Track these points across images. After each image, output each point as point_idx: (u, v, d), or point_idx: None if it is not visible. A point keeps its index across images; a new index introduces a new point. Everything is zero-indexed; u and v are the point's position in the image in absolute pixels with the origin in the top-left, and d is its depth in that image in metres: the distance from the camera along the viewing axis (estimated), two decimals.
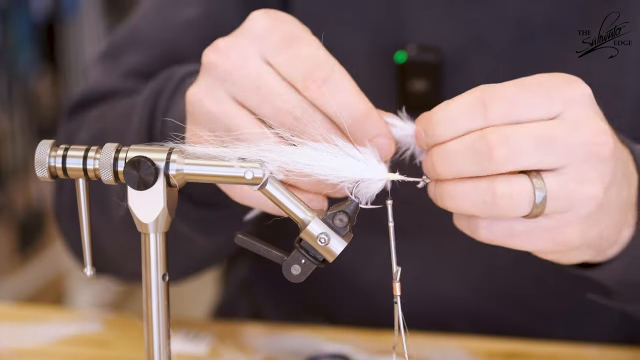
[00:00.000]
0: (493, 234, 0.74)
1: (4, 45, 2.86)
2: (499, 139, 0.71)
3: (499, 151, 0.70)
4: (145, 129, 0.91)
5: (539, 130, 0.72)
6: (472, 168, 0.72)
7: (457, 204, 0.73)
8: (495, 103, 0.72)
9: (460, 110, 0.73)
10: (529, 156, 0.71)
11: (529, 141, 0.71)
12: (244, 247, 0.73)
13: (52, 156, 0.74)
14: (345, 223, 0.71)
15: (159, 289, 0.74)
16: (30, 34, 2.98)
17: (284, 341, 1.08)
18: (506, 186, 0.71)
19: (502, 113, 0.72)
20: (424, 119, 0.75)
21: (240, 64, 0.76)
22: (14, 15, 2.90)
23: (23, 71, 2.97)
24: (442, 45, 1.05)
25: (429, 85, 1.06)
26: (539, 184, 0.72)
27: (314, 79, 0.74)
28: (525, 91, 0.73)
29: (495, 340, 1.10)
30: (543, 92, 0.73)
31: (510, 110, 0.72)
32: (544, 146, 0.71)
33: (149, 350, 0.75)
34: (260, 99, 0.75)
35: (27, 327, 1.10)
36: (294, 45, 0.76)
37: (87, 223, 0.76)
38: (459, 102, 0.73)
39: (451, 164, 0.72)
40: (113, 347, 1.07)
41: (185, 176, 0.72)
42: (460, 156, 0.72)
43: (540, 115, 0.72)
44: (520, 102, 0.72)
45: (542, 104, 0.73)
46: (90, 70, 1.17)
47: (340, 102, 0.75)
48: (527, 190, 0.71)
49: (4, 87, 2.89)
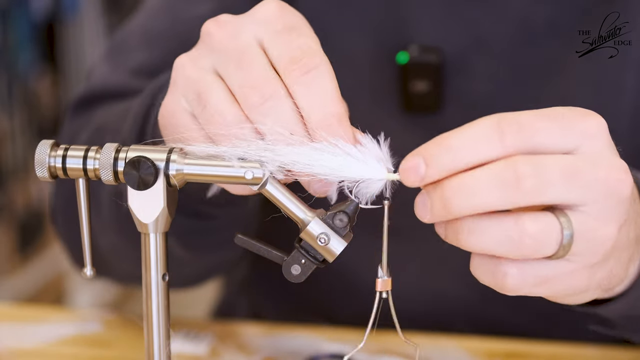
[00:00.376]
0: (524, 280, 0.68)
1: (4, 45, 2.86)
2: (528, 168, 0.65)
3: (528, 181, 0.65)
4: (139, 125, 0.90)
5: (564, 162, 0.66)
6: (498, 201, 0.65)
7: (477, 240, 0.67)
8: (514, 130, 0.67)
9: (475, 136, 0.66)
10: (557, 189, 0.66)
11: (556, 172, 0.66)
12: (244, 248, 0.73)
13: (52, 156, 0.74)
14: (345, 223, 0.71)
15: (159, 289, 0.74)
16: (30, 34, 2.98)
17: (284, 341, 1.08)
18: (534, 223, 0.66)
19: (520, 141, 0.67)
20: (427, 147, 0.68)
21: (232, 37, 0.75)
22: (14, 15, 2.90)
23: (23, 71, 2.97)
24: (444, 46, 1.05)
25: (430, 86, 1.06)
26: (566, 222, 0.66)
27: (300, 65, 0.72)
28: (543, 120, 0.68)
29: (495, 340, 1.10)
30: (561, 122, 0.68)
31: (529, 138, 0.67)
32: (570, 179, 0.66)
33: (149, 350, 0.75)
34: (236, 71, 0.74)
35: (27, 327, 1.10)
36: (293, 33, 0.75)
37: (87, 223, 0.76)
38: (473, 129, 0.67)
39: (472, 196, 0.65)
40: (113, 347, 1.07)
41: (185, 176, 0.72)
42: (484, 186, 0.65)
43: (560, 147, 0.67)
44: (539, 130, 0.67)
45: (561, 134, 0.67)
46: (95, 67, 1.16)
47: (316, 98, 0.72)
48: (555, 229, 0.66)
49: (4, 87, 2.89)
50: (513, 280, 0.68)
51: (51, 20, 3.07)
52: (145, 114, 0.89)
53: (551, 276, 0.68)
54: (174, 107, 0.76)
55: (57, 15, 3.09)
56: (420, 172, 0.67)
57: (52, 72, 3.10)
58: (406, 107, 1.07)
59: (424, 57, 1.05)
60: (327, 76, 0.72)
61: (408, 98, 1.07)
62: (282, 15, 0.75)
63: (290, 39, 0.74)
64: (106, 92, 1.08)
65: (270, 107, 0.72)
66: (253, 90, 0.72)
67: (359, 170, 0.71)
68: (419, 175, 0.67)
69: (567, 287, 0.70)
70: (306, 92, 0.72)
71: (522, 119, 0.67)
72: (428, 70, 1.05)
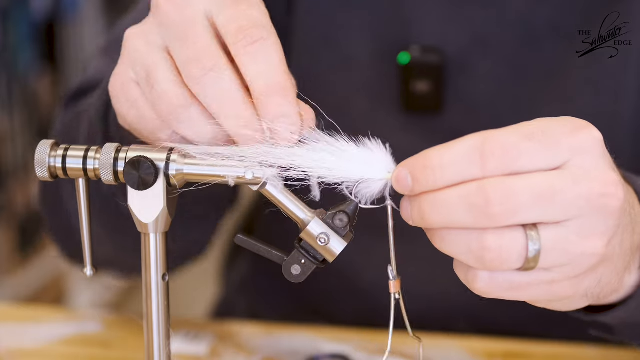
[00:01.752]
0: (495, 285, 0.70)
1: (4, 45, 2.86)
2: (497, 195, 0.66)
3: (496, 209, 0.66)
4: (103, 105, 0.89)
5: (540, 183, 0.67)
6: (466, 221, 0.67)
7: (447, 249, 0.70)
8: (495, 153, 0.67)
9: (456, 158, 0.68)
10: (528, 212, 0.67)
11: (528, 196, 0.66)
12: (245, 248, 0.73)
13: (52, 156, 0.74)
14: (345, 223, 0.71)
15: (159, 289, 0.74)
16: (30, 34, 2.98)
17: (284, 341, 1.08)
18: (496, 239, 0.67)
19: (502, 164, 0.67)
20: (413, 162, 0.69)
21: (180, 10, 0.74)
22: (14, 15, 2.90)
23: (23, 71, 2.97)
24: (445, 46, 1.05)
25: (431, 86, 1.06)
26: (534, 237, 0.67)
27: (246, 35, 0.72)
28: (528, 140, 0.68)
29: (495, 340, 1.10)
30: (548, 141, 0.68)
31: (511, 161, 0.67)
32: (544, 201, 0.67)
33: (149, 350, 0.75)
34: (181, 46, 0.73)
35: (27, 327, 1.10)
36: (242, 4, 0.74)
37: (87, 223, 0.76)
38: (456, 149, 0.68)
39: (444, 214, 0.68)
40: (113, 347, 1.07)
41: (185, 176, 0.72)
42: (454, 207, 0.67)
43: (543, 166, 0.68)
44: (522, 152, 0.67)
45: (546, 153, 0.68)
46: (91, 62, 1.16)
47: (261, 68, 0.71)
48: (518, 245, 0.67)
49: (4, 87, 2.89)
50: (483, 283, 0.70)
51: (51, 20, 3.07)
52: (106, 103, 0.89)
53: (525, 284, 0.69)
54: (122, 79, 0.76)
55: (57, 15, 3.09)
56: (407, 185, 0.69)
57: (52, 72, 3.10)
58: (407, 106, 1.07)
59: (425, 58, 1.05)
60: (273, 47, 0.72)
61: (409, 98, 1.07)
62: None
63: (238, 9, 0.73)
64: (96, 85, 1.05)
65: (210, 79, 0.71)
66: (194, 63, 0.72)
67: (359, 170, 0.71)
68: (407, 187, 0.69)
69: (548, 294, 0.71)
70: (252, 61, 0.72)
71: (507, 141, 0.67)
72: (429, 70, 1.05)
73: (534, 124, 0.69)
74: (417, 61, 1.05)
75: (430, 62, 1.05)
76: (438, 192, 0.68)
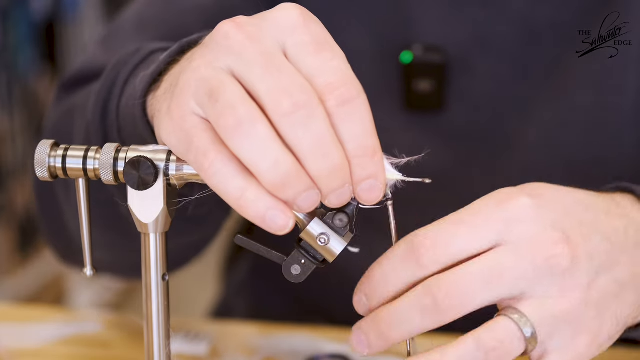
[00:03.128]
0: None
1: (4, 45, 2.86)
2: (442, 290, 0.66)
3: (446, 302, 0.66)
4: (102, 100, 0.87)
5: (483, 266, 0.67)
6: (425, 325, 0.67)
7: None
8: (426, 248, 0.68)
9: (393, 264, 0.69)
10: (481, 296, 0.67)
11: (474, 282, 0.66)
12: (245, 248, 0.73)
13: (52, 156, 0.74)
14: (345, 223, 0.71)
15: (159, 289, 0.74)
16: (30, 34, 2.98)
17: (284, 341, 1.08)
18: (492, 336, 0.67)
19: (436, 257, 0.67)
20: (364, 283, 0.71)
21: (254, 40, 0.66)
22: (14, 15, 2.90)
23: (23, 71, 2.97)
24: (447, 45, 1.06)
25: (434, 85, 1.06)
26: (520, 318, 0.67)
27: (336, 96, 0.65)
28: (457, 225, 0.68)
29: None
30: (479, 221, 0.68)
31: (444, 252, 0.67)
32: (493, 281, 0.67)
33: (149, 350, 0.75)
34: (264, 73, 0.65)
35: (27, 327, 1.10)
36: (325, 51, 0.67)
37: (87, 223, 0.76)
38: (391, 255, 0.69)
39: (404, 326, 0.68)
40: (113, 347, 1.07)
41: (185, 176, 0.72)
42: (409, 316, 0.67)
43: (480, 247, 0.68)
44: (452, 240, 0.67)
45: (478, 234, 0.68)
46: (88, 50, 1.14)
47: (354, 131, 0.65)
48: (512, 331, 0.67)
49: (4, 87, 2.89)
50: None
51: (51, 20, 3.07)
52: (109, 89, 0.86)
53: None
54: (182, 111, 0.67)
55: (57, 15, 3.09)
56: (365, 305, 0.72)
57: (52, 72, 3.10)
58: (409, 105, 1.08)
59: (428, 57, 1.06)
60: (364, 106, 0.66)
61: (411, 97, 1.07)
62: (306, 25, 0.68)
63: (323, 58, 0.66)
64: (93, 72, 1.02)
65: (302, 117, 0.64)
66: (283, 95, 0.64)
67: None
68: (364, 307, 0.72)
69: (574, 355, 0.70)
70: (342, 123, 0.65)
71: (433, 234, 0.68)
72: (432, 69, 1.06)
73: (462, 210, 0.69)
74: (419, 60, 1.05)
75: (432, 61, 1.05)
76: (391, 304, 0.68)
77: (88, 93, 0.94)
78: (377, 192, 0.67)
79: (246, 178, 0.65)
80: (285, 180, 0.64)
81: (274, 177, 0.64)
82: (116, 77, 0.87)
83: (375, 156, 0.66)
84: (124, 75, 0.86)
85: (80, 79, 1.05)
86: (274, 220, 0.65)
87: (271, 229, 0.66)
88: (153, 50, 0.88)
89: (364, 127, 0.66)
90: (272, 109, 0.64)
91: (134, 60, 0.87)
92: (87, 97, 0.92)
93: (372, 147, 0.66)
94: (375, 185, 0.67)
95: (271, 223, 0.66)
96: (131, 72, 0.86)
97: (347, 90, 0.65)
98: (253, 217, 0.66)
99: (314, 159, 0.64)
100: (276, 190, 0.65)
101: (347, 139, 0.65)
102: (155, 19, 1.08)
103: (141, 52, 0.88)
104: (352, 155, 0.66)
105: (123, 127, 0.84)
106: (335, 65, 0.66)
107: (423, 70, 1.06)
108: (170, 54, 0.78)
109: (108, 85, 0.87)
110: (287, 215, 0.66)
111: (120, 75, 0.87)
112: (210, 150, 0.66)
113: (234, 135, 0.64)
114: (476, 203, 0.70)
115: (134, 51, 0.89)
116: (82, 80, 1.04)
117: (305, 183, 0.65)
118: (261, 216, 0.65)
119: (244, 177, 0.65)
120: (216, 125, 0.65)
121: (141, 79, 0.79)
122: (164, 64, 0.78)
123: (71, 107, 1.00)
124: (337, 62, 0.66)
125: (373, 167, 0.66)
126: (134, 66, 0.86)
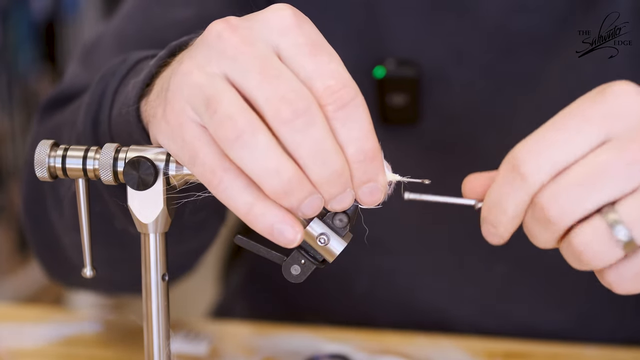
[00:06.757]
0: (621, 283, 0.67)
1: (4, 45, 2.86)
2: (547, 202, 0.65)
3: (551, 213, 0.65)
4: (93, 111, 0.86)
5: (584, 170, 0.65)
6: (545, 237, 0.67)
7: None
8: (527, 163, 0.66)
9: (500, 190, 0.68)
10: (586, 202, 0.65)
11: (576, 188, 0.65)
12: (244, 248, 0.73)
13: (51, 156, 0.74)
14: (345, 223, 0.71)
15: (159, 289, 0.74)
16: (30, 34, 2.98)
17: (284, 341, 1.08)
18: (581, 239, 0.65)
19: (539, 170, 0.66)
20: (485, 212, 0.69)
21: (248, 43, 0.66)
22: (14, 15, 2.90)
23: (23, 71, 2.97)
24: (421, 58, 1.05)
25: (408, 99, 1.06)
26: (612, 218, 0.65)
27: (335, 99, 0.65)
28: (553, 132, 0.66)
29: (495, 340, 1.10)
30: (576, 122, 0.66)
31: (546, 162, 0.66)
32: (597, 183, 0.64)
33: (149, 351, 0.75)
34: (262, 80, 0.64)
35: (27, 327, 1.10)
36: (322, 54, 0.66)
37: (87, 224, 0.76)
38: (497, 181, 0.68)
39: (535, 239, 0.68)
40: (113, 347, 1.07)
41: (185, 176, 0.72)
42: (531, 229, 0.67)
43: (584, 149, 0.65)
44: (551, 148, 0.66)
45: (577, 136, 0.65)
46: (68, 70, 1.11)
47: (353, 134, 0.65)
48: (601, 232, 0.65)
49: (4, 87, 2.89)
50: (614, 282, 0.67)
51: (51, 20, 3.07)
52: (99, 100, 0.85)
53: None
54: (180, 119, 0.67)
55: (57, 15, 3.09)
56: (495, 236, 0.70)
57: (52, 72, 3.10)
58: (384, 119, 1.07)
59: (401, 71, 1.05)
60: (362, 107, 0.66)
61: (386, 111, 1.07)
62: (300, 26, 0.67)
63: (320, 61, 0.66)
64: (74, 93, 1.02)
65: (302, 124, 0.64)
66: (282, 103, 0.64)
67: None
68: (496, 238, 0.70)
69: None
70: (341, 126, 0.65)
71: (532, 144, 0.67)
72: (405, 83, 1.05)
73: (563, 110, 0.67)
74: (392, 75, 1.05)
75: (405, 75, 1.05)
76: None
77: (76, 109, 0.93)
78: (378, 194, 0.68)
79: (253, 192, 0.66)
80: (288, 188, 0.64)
81: (277, 186, 0.64)
82: (105, 88, 0.86)
83: (375, 159, 0.67)
84: (113, 85, 0.85)
85: (62, 99, 1.03)
86: (282, 234, 0.66)
87: (279, 242, 0.67)
88: (140, 58, 0.87)
89: (363, 129, 0.66)
90: (272, 116, 0.64)
91: (122, 70, 0.86)
92: (76, 112, 0.91)
93: (371, 151, 0.66)
94: (376, 188, 0.67)
95: (279, 236, 0.67)
96: (120, 81, 0.85)
97: (346, 93, 0.65)
98: (261, 230, 0.66)
99: (314, 165, 0.64)
100: (279, 199, 0.65)
101: (346, 142, 0.66)
102: (136, 35, 1.06)
103: (128, 62, 0.87)
104: (353, 160, 0.66)
105: (116, 136, 0.83)
106: (333, 67, 0.66)
107: (396, 85, 1.05)
108: (161, 58, 0.78)
109: (98, 96, 0.86)
110: (295, 229, 0.67)
111: (109, 86, 0.86)
112: (217, 167, 0.66)
113: (234, 146, 0.64)
114: (575, 102, 0.67)
115: (120, 61, 0.88)
116: (65, 101, 1.03)
117: (308, 189, 0.65)
118: (269, 230, 0.66)
119: (252, 191, 0.66)
120: (216, 136, 0.65)
121: (133, 85, 0.79)
122: (155, 68, 0.78)
123: (58, 124, 0.98)
124: (334, 65, 0.67)
125: (373, 171, 0.67)
126: (122, 75, 0.86)
